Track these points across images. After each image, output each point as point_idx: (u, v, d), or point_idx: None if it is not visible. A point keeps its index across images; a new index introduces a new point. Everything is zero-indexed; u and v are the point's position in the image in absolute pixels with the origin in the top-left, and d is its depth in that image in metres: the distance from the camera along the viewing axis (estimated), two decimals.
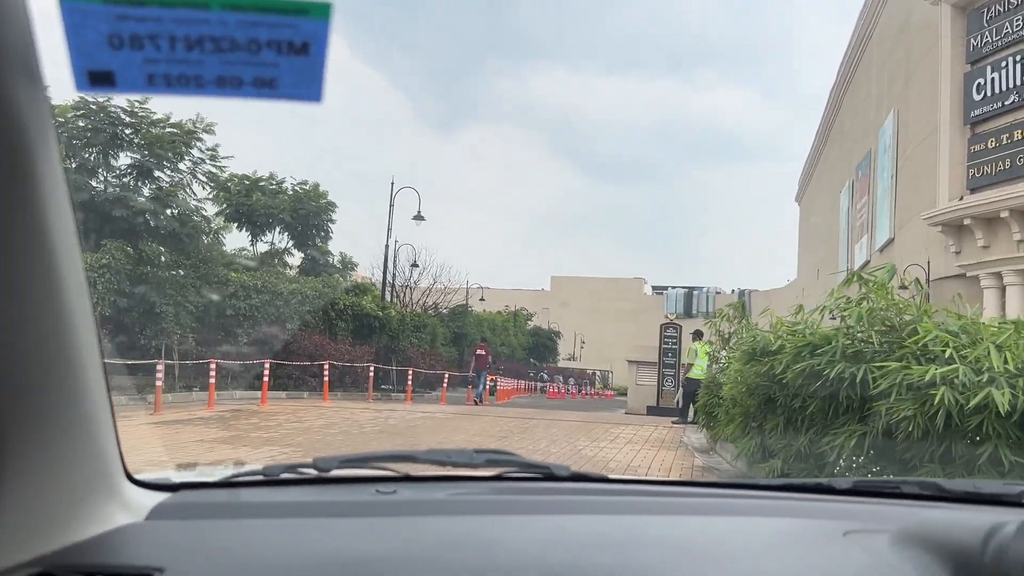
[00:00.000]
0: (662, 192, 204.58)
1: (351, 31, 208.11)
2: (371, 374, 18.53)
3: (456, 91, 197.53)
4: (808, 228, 76.66)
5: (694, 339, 15.02)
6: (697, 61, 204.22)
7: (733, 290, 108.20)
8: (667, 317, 22.18)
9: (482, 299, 49.98)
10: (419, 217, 24.63)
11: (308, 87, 0.98)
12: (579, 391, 59.07)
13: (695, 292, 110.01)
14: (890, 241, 38.05)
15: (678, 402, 14.76)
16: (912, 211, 34.57)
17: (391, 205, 24.03)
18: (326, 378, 16.98)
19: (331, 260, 24.58)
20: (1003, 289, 26.54)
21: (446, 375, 21.72)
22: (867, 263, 43.94)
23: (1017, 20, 27.28)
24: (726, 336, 10.98)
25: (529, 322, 64.77)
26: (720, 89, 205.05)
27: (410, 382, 19.45)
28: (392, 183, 24.36)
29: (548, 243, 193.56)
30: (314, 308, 19.02)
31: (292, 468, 1.54)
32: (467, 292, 47.22)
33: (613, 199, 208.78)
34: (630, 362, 23.18)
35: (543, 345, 65.07)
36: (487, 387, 25.32)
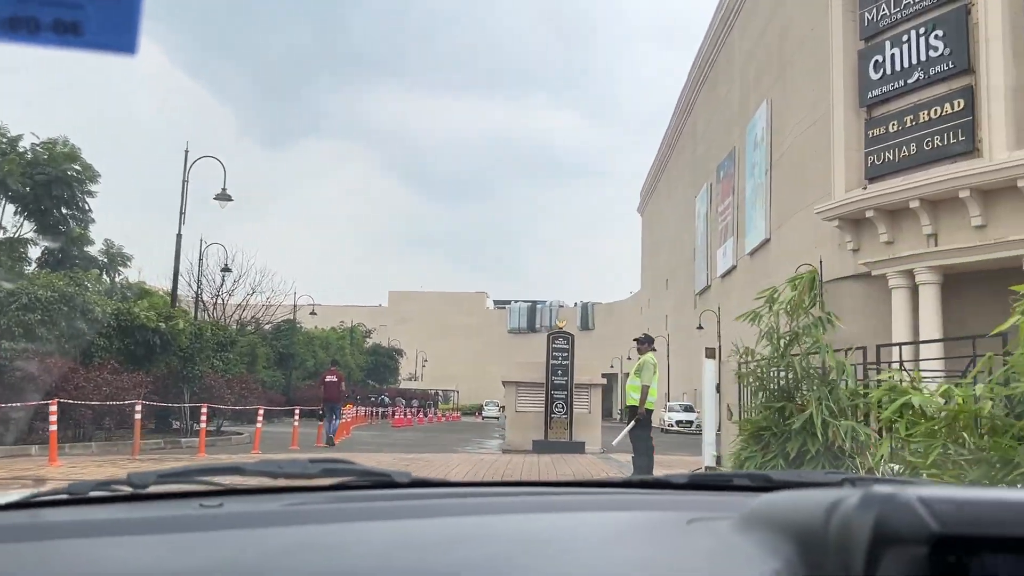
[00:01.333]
0: (499, 209, 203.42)
1: (171, 39, 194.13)
2: (137, 416, 12.37)
3: (287, 106, 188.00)
4: (653, 239, 74.93)
5: (642, 348, 10.02)
6: (527, 82, 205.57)
7: (576, 303, 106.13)
8: (559, 325, 17.22)
9: (313, 313, 43.55)
10: (224, 197, 18.55)
11: (120, 35, 0.84)
12: (424, 414, 53.65)
13: (538, 306, 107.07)
14: (766, 242, 35.12)
15: (635, 449, 9.69)
16: (793, 208, 31.66)
17: (185, 181, 17.81)
18: (52, 427, 10.79)
19: (90, 251, 17.96)
20: (914, 289, 23.52)
21: (260, 410, 15.72)
22: (734, 268, 41.21)
23: None
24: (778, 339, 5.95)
25: (367, 339, 58.60)
26: (550, 109, 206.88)
27: (204, 423, 13.36)
28: (186, 151, 18.13)
29: (385, 259, 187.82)
30: (52, 318, 12.80)
31: (103, 485, 1.41)
32: (295, 305, 40.68)
33: (451, 216, 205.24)
34: (507, 383, 18.08)
35: (383, 365, 59.00)
36: (340, 421, 19.71)
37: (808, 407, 5.18)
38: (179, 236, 18.08)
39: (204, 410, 13.55)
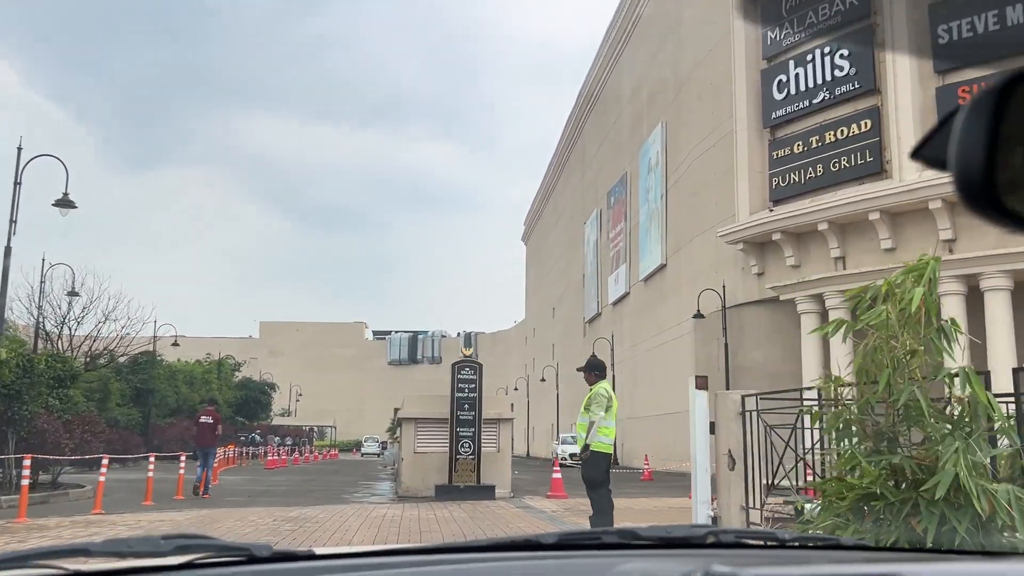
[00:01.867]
0: (378, 239, 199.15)
1: (25, 58, 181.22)
2: None
3: (150, 130, 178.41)
4: (538, 266, 73.99)
5: (589, 376, 8.09)
6: (406, 113, 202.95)
7: (459, 333, 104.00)
8: (464, 353, 15.11)
9: (176, 344, 39.63)
10: (67, 203, 15.47)
11: None
12: (300, 453, 50.07)
13: (420, 336, 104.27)
14: (662, 267, 34.18)
15: (594, 506, 7.65)
16: (691, 232, 30.84)
17: (17, 183, 14.70)
18: None
19: None
20: (824, 315, 22.75)
21: (104, 460, 12.75)
22: (627, 295, 40.23)
23: (823, 7, 24.01)
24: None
25: (237, 373, 54.43)
26: (430, 140, 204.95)
27: (26, 478, 10.42)
28: (19, 148, 14.98)
29: (257, 289, 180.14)
30: None
31: None
32: (155, 336, 36.80)
33: (327, 245, 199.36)
34: (405, 420, 15.78)
35: (255, 400, 54.89)
36: (212, 468, 16.94)
37: (941, 463, 3.29)
38: (8, 249, 14.95)
39: (27, 462, 10.59)
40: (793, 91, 24.38)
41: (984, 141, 0.62)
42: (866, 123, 22.49)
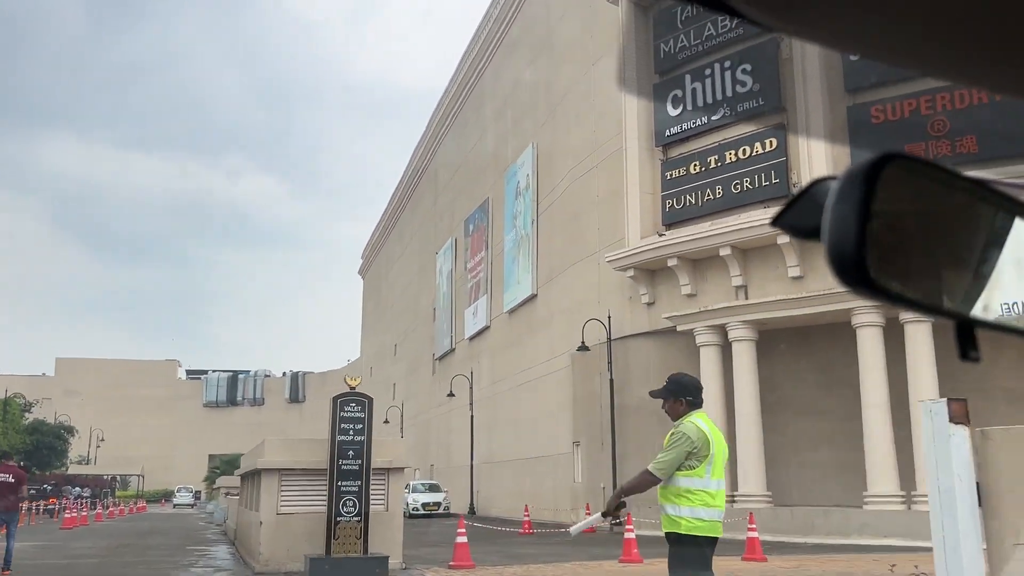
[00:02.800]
0: (192, 274, 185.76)
1: None
2: None
3: None
4: (379, 302, 70.10)
5: (674, 405, 5.03)
6: (227, 145, 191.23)
7: (285, 372, 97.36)
8: (350, 383, 11.20)
9: None
10: None
11: None
12: (103, 506, 43.33)
13: (240, 376, 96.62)
14: (531, 298, 31.74)
15: None
16: (568, 259, 28.61)
17: None
18: None
19: None
20: (727, 347, 20.92)
21: None
22: (486, 329, 37.50)
23: (723, 19, 22.52)
24: None
25: (27, 414, 46.85)
26: (252, 174, 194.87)
27: None
28: None
29: (53, 325, 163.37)
30: None
31: None
32: None
33: (136, 279, 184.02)
34: (266, 471, 12.01)
35: (48, 446, 47.36)
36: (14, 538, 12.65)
37: None
38: None
39: None
40: (690, 106, 22.74)
41: (855, 219, 0.65)
42: (771, 142, 21.08)
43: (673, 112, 23.15)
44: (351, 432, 11.97)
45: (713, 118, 22.28)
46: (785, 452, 20.68)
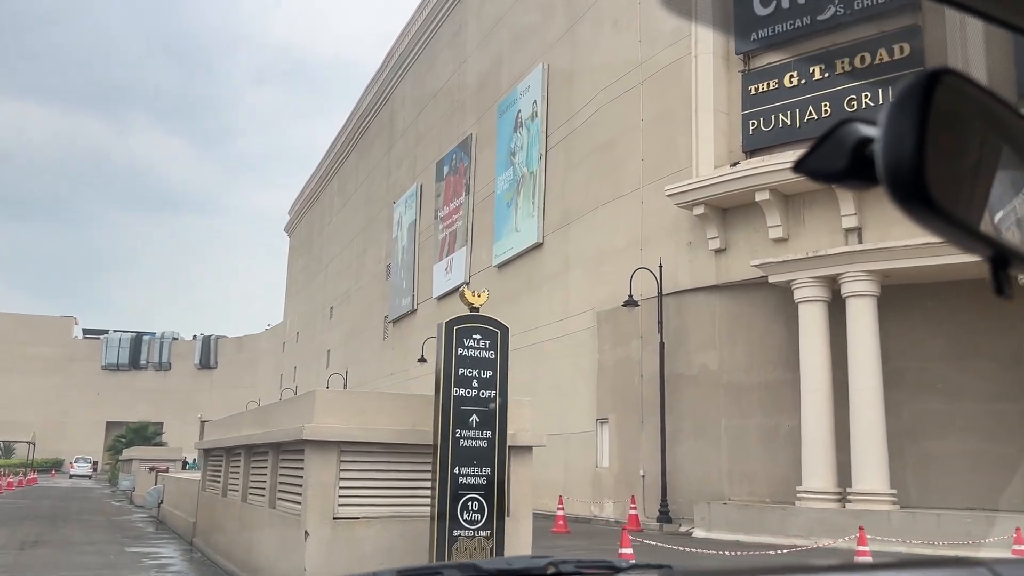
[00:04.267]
0: (90, 233, 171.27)
1: None
2: None
3: None
4: (309, 261, 63.79)
5: None
6: (130, 102, 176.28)
7: (196, 335, 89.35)
8: (472, 301, 5.56)
9: None
10: None
11: None
12: None
13: (145, 337, 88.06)
14: (535, 248, 26.80)
15: None
16: (595, 198, 23.69)
17: None
18: None
19: None
20: (840, 304, 16.51)
21: None
22: (465, 284, 32.32)
23: None
24: None
25: None
26: (156, 134, 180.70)
27: None
28: None
29: None
30: None
31: None
32: None
33: (24, 235, 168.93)
34: (314, 445, 6.90)
35: None
36: None
37: None
38: None
39: None
40: (785, 3, 18.18)
41: (914, 131, 0.62)
42: (902, 48, 16.70)
43: (762, 10, 18.54)
44: (474, 384, 6.92)
45: (819, 17, 17.77)
46: (900, 439, 16.46)
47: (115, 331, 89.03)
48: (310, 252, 63.44)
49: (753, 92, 18.56)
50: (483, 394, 6.95)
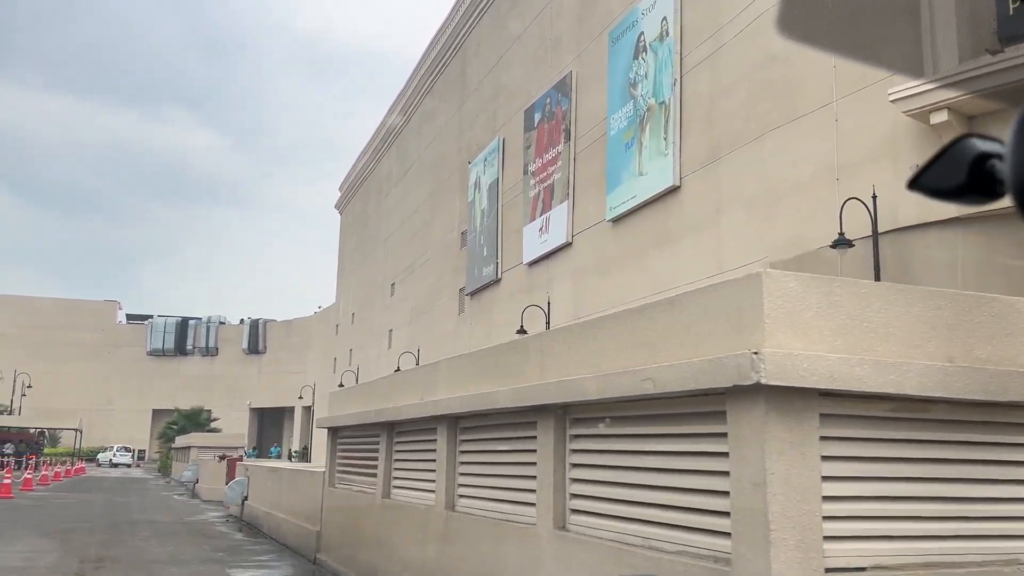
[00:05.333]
0: (130, 226, 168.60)
1: None
2: None
3: None
4: (365, 237, 60.05)
5: None
6: (164, 95, 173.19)
7: (242, 320, 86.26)
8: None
9: None
10: None
11: None
12: (25, 466, 33.16)
13: (191, 322, 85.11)
14: (670, 192, 22.50)
15: None
16: (758, 122, 19.31)
17: None
18: None
19: None
20: None
21: None
22: (565, 247, 28.20)
23: None
24: None
25: None
26: (190, 127, 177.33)
27: None
28: None
29: None
30: None
31: None
32: None
33: (67, 228, 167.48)
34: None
35: None
36: None
37: None
38: None
39: None
40: None
41: None
42: None
43: None
44: None
45: None
46: None
47: (160, 316, 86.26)
48: (365, 228, 59.66)
49: None
50: None
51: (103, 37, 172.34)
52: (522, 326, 26.87)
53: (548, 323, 26.69)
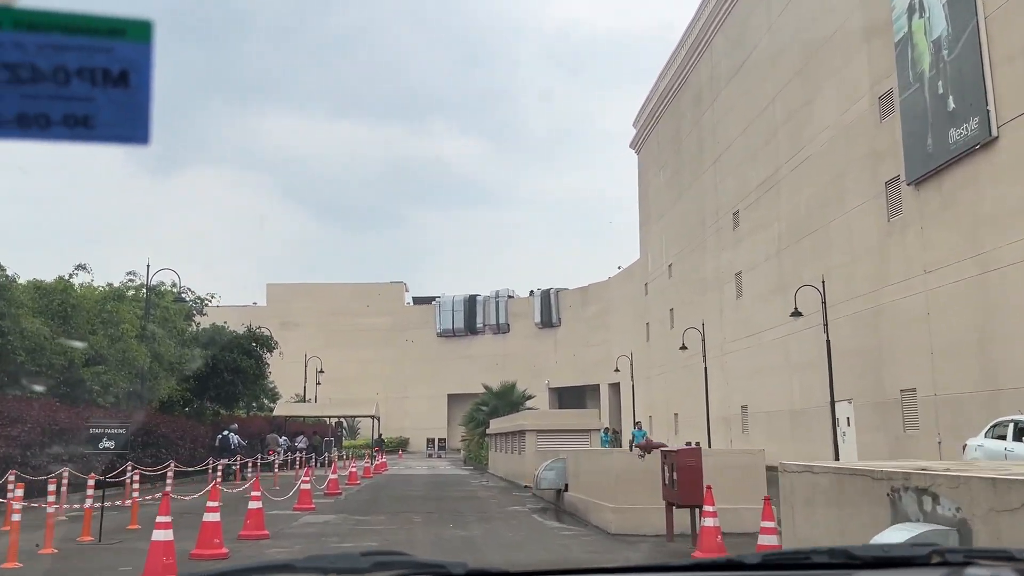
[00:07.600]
0: (408, 236, 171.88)
1: None
2: None
3: (173, 131, 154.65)
4: (680, 167, 48.60)
5: None
6: (428, 108, 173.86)
7: (533, 290, 78.48)
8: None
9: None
10: None
11: (131, 125, 0.83)
12: (327, 463, 25.90)
13: (479, 299, 78.70)
14: None
15: None
16: None
17: None
18: None
19: None
20: None
21: None
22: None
23: None
24: None
25: (195, 317, 29.89)
26: (451, 135, 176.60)
27: None
28: None
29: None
30: None
31: None
32: None
33: (351, 243, 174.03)
34: None
35: (233, 365, 29.91)
36: None
37: None
38: None
39: None
40: None
41: None
42: None
43: None
44: None
45: None
46: None
47: (445, 295, 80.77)
48: (678, 156, 48.22)
49: None
50: None
51: (364, 65, 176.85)
52: None
53: None
